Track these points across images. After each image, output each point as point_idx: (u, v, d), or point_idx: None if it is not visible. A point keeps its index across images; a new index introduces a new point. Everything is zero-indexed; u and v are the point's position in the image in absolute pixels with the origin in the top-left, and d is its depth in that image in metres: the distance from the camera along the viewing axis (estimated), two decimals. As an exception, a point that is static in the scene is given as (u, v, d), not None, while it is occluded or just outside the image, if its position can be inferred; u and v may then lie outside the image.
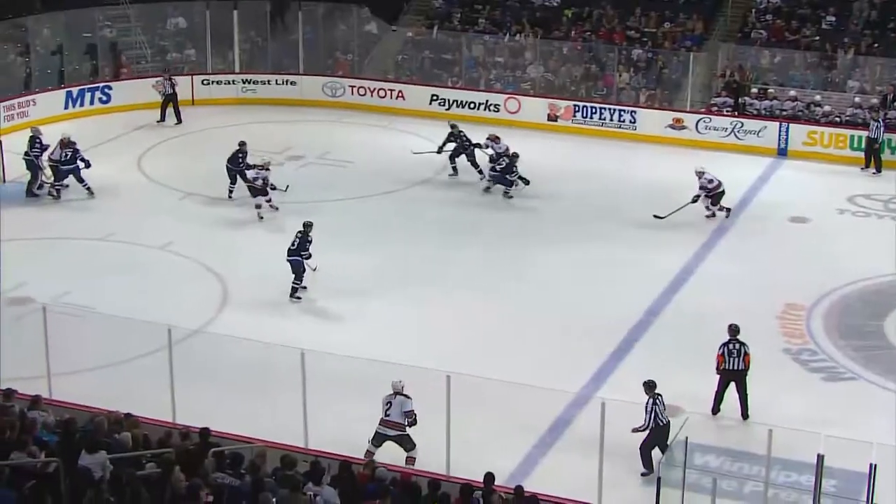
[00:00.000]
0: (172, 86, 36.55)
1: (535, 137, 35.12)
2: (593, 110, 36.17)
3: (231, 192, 29.85)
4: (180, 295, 24.66)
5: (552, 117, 36.29)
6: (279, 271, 24.98)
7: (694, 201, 28.20)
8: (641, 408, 18.50)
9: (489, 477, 15.80)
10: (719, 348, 19.94)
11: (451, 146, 31.82)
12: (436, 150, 31.72)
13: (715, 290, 25.09)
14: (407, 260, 26.68)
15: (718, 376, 20.02)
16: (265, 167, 28.87)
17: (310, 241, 24.75)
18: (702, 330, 22.74)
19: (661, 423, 18.37)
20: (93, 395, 19.01)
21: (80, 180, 30.01)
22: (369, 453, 18.14)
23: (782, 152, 33.97)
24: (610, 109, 36.03)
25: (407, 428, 18.34)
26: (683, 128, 35.05)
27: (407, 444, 18.38)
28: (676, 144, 34.67)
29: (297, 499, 14.39)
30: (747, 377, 19.91)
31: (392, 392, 18.39)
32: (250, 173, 29.01)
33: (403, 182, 31.54)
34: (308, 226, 24.98)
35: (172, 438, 16.37)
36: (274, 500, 14.19)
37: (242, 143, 29.83)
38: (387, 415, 18.37)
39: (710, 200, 28.71)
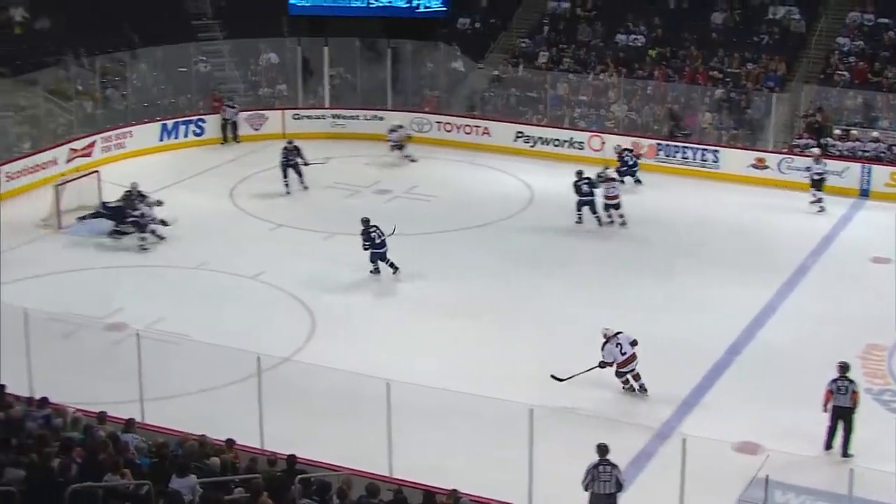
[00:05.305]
0: (233, 110, 38.27)
1: (619, 175, 35.48)
2: (676, 149, 36.34)
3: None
4: (270, 323, 25.06)
5: (635, 155, 36.42)
6: (365, 303, 25.44)
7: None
8: (723, 444, 18.78)
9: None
10: (828, 384, 19.99)
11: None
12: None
13: (796, 329, 25.09)
14: (490, 292, 26.94)
15: (829, 413, 20.03)
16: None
17: (369, 231, 27.33)
18: (783, 368, 22.92)
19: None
20: (184, 420, 19.23)
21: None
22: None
23: (864, 193, 33.86)
24: (693, 148, 36.16)
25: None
26: (766, 167, 35.03)
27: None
28: (758, 184, 34.63)
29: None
30: (854, 415, 19.96)
31: (612, 334, 21.82)
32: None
33: (487, 217, 31.84)
34: (365, 221, 27.48)
35: (259, 464, 16.59)
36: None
37: None
38: (623, 353, 21.66)
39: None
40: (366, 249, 27.47)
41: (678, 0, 41.24)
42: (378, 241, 27.42)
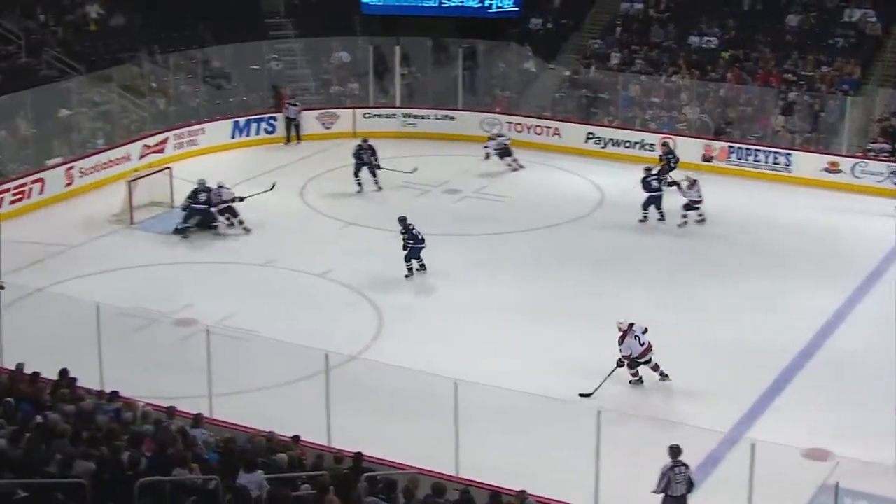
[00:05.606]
0: (295, 108, 38.34)
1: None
2: (748, 152, 36.01)
3: None
4: (338, 321, 25.09)
5: (707, 158, 36.13)
6: (432, 302, 25.46)
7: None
8: (792, 450, 18.47)
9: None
10: None
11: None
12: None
13: (869, 333, 24.74)
14: (560, 293, 26.83)
15: None
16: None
17: (411, 229, 27.36)
18: (855, 372, 22.66)
19: None
20: (252, 415, 19.35)
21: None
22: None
23: (940, 198, 33.29)
24: (765, 151, 35.82)
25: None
26: (839, 171, 34.59)
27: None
28: (831, 188, 34.26)
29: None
30: None
31: (627, 326, 21.93)
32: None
33: (557, 217, 31.73)
34: (402, 220, 27.55)
35: (325, 461, 16.59)
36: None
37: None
38: (641, 344, 21.82)
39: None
40: (406, 249, 27.45)
41: (752, 2, 40.88)
42: (420, 237, 27.49)
